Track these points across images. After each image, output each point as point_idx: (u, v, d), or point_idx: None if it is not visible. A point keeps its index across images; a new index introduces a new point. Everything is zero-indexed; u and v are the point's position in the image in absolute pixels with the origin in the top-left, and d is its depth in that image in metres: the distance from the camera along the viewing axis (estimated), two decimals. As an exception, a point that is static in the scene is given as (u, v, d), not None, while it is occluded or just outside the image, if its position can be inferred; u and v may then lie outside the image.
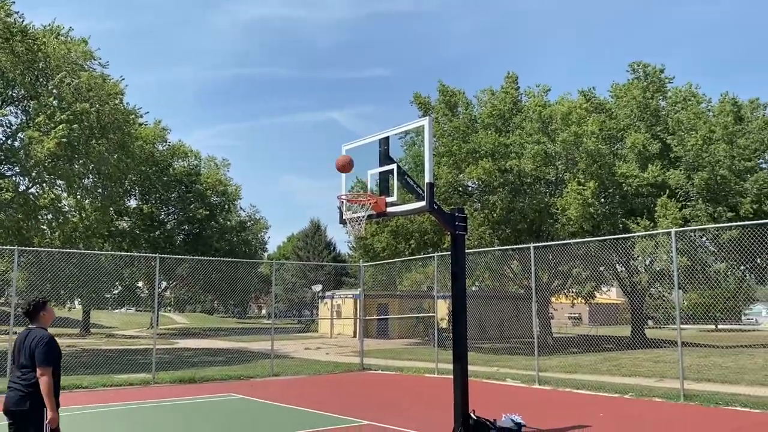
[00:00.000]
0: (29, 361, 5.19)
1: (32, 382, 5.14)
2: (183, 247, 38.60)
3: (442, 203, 24.14)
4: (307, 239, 72.07)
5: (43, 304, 5.50)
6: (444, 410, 9.61)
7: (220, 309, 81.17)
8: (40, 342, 5.21)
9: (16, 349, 5.37)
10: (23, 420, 5.13)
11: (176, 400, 12.51)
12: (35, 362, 5.14)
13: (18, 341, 5.39)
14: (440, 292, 19.84)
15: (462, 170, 26.33)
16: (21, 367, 5.22)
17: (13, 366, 5.42)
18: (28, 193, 22.89)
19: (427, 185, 8.37)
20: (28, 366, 5.19)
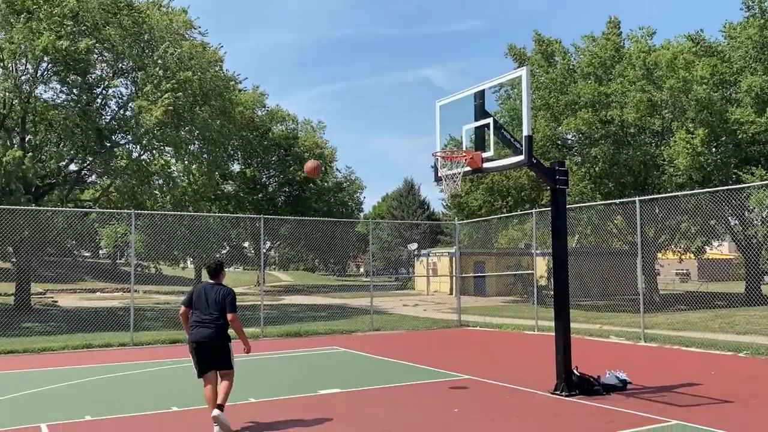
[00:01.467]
0: (219, 307, 6.74)
1: (222, 323, 6.75)
2: (284, 209, 39.91)
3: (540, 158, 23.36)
4: (401, 199, 72.50)
5: (222, 265, 7.15)
6: (545, 366, 9.54)
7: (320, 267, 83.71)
8: (228, 294, 6.85)
9: (199, 297, 6.84)
10: (216, 352, 6.72)
11: (284, 353, 13.13)
12: (225, 309, 6.73)
13: (200, 292, 6.88)
14: (539, 249, 19.48)
15: (560, 123, 25.43)
16: (211, 313, 6.73)
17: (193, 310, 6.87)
18: (140, 159, 24.32)
19: (526, 138, 8.17)
20: (218, 312, 6.74)
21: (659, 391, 8.48)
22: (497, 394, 8.61)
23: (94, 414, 7.49)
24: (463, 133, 9.19)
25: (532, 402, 8.06)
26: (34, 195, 22.51)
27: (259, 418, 7.34)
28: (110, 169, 23.04)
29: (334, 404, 8.04)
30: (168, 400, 8.30)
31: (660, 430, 6.59)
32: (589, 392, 8.35)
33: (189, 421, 7.23)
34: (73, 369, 11.13)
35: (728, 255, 52.83)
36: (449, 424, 6.92)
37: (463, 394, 8.58)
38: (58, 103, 22.56)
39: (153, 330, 17.46)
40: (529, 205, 26.80)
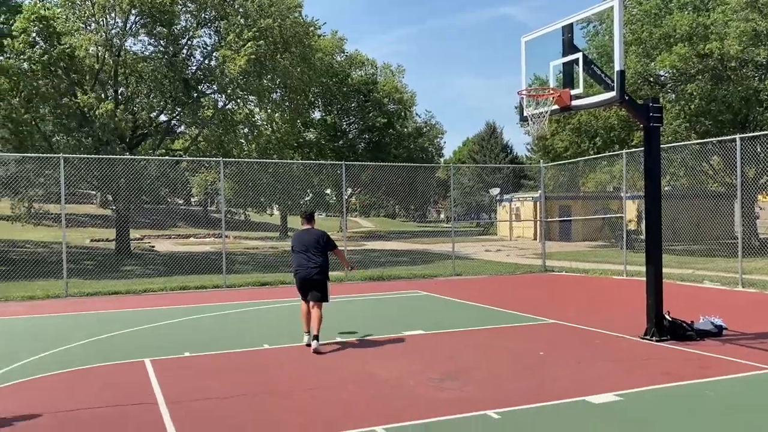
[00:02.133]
0: (319, 248, 8.01)
1: (322, 262, 7.99)
2: (365, 155, 40.12)
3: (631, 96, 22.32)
4: (483, 142, 71.25)
5: (313, 213, 8.57)
6: (635, 311, 9.28)
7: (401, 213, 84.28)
8: (324, 235, 8.19)
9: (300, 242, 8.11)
10: (317, 285, 7.96)
11: (368, 296, 13.39)
12: (326, 248, 8.06)
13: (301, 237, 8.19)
14: (629, 192, 18.73)
15: (653, 59, 23.95)
16: (313, 253, 7.98)
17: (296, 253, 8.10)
18: (225, 109, 24.93)
19: (618, 73, 7.72)
20: (317, 252, 8.00)
21: (758, 338, 8.08)
22: (585, 337, 8.47)
23: (193, 350, 7.93)
24: (549, 70, 8.80)
25: (621, 346, 7.88)
26: (129, 145, 23.60)
27: (345, 354, 7.56)
28: (197, 119, 23.77)
29: (418, 344, 8.15)
30: (260, 338, 8.67)
31: (759, 377, 6.30)
32: (682, 337, 8.07)
33: (279, 358, 7.53)
34: (172, 309, 11.80)
35: (838, 197, 49.05)
36: (534, 366, 6.88)
37: (549, 338, 8.49)
38: (147, 55, 23.31)
39: (243, 273, 18.21)
40: (618, 147, 25.66)
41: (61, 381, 6.57)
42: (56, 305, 12.55)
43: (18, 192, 24.37)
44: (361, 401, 5.69)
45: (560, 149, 28.90)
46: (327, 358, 7.45)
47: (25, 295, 13.68)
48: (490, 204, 59.45)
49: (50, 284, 15.18)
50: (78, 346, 8.26)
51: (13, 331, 9.76)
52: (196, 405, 5.64)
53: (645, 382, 6.13)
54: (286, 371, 6.85)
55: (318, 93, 37.13)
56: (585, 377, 6.39)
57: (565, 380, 6.27)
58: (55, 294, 13.82)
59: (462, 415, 5.19)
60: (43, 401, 5.81)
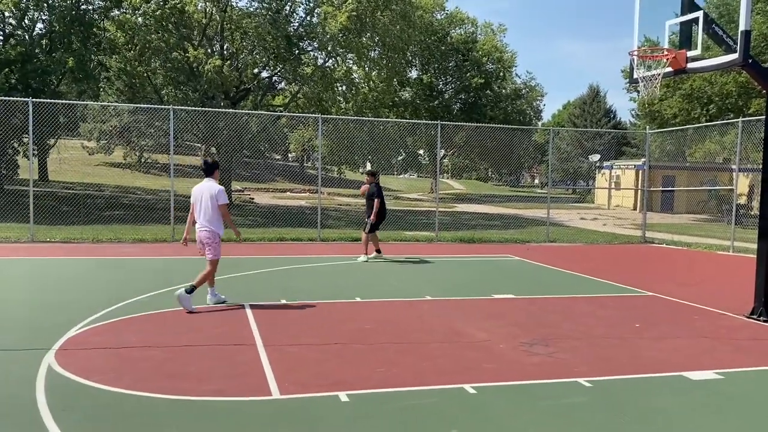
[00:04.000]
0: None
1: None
2: (459, 116, 39.58)
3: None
4: (584, 106, 68.50)
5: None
6: (740, 289, 8.80)
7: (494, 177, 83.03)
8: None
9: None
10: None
11: (459, 257, 13.40)
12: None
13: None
14: (742, 164, 17.55)
15: (781, 19, 22.07)
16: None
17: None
18: (325, 66, 25.23)
19: (742, 33, 7.18)
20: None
21: None
22: (684, 312, 8.13)
23: (289, 298, 8.27)
24: (665, 29, 8.32)
25: (723, 324, 7.51)
26: (232, 100, 24.43)
27: (436, 314, 7.64)
28: (298, 76, 24.21)
29: (508, 308, 8.11)
30: (352, 291, 8.91)
31: None
32: (794, 320, 7.59)
33: (371, 311, 7.72)
34: (269, 258, 12.29)
35: None
36: (626, 338, 6.70)
37: (646, 311, 8.22)
38: (251, 11, 23.84)
39: (336, 228, 18.64)
40: (733, 115, 24.03)
41: (170, 318, 7.04)
42: (164, 249, 13.37)
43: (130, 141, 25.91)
44: (450, 359, 5.75)
45: (668, 116, 27.38)
46: (417, 317, 7.55)
47: (136, 237, 14.66)
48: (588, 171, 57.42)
49: (159, 229, 16.16)
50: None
51: (129, 269, 10.51)
52: (291, 349, 5.90)
53: (749, 363, 5.84)
54: (377, 325, 7.01)
55: (416, 52, 36.75)
56: (683, 352, 6.16)
57: (661, 354, 6.07)
58: (162, 238, 14.71)
59: (553, 380, 5.15)
60: (157, 335, 6.26)
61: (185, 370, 5.20)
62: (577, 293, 9.40)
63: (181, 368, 5.24)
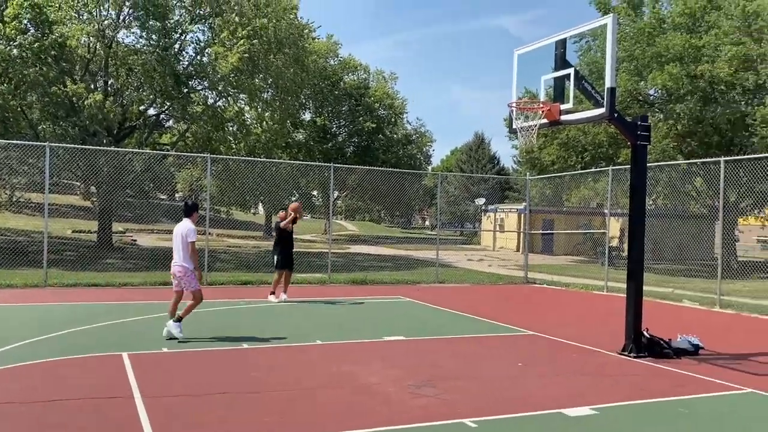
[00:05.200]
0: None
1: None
2: (353, 159, 40.11)
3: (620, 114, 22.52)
4: (470, 152, 71.56)
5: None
6: (613, 327, 9.35)
7: (386, 219, 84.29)
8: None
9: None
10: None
11: (350, 299, 13.37)
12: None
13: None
14: (612, 209, 18.90)
15: (644, 77, 24.23)
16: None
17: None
18: (215, 106, 24.81)
19: (608, 90, 7.81)
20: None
21: (734, 359, 8.18)
22: (563, 351, 8.52)
23: (171, 347, 7.88)
24: (541, 83, 8.88)
25: (599, 361, 7.94)
26: (116, 138, 23.40)
27: (325, 358, 7.54)
28: (187, 114, 23.63)
29: (398, 350, 8.16)
30: (239, 337, 8.63)
31: (733, 397, 6.38)
32: (659, 355, 8.14)
33: (258, 357, 7.49)
34: (152, 304, 11.70)
35: (817, 223, 49.76)
36: (514, 376, 6.91)
37: (528, 350, 8.53)
38: (138, 48, 23.15)
39: (225, 271, 18.11)
40: (604, 163, 25.90)
41: (37, 372, 6.49)
42: (35, 294, 12.41)
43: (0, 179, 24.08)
44: (336, 405, 5.67)
45: (547, 163, 29.09)
46: (305, 361, 7.43)
47: (3, 282, 13.52)
48: (475, 214, 59.65)
49: (30, 273, 15.00)
50: (55, 337, 8.17)
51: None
52: (171, 401, 5.60)
53: (621, 398, 6.18)
54: (265, 372, 6.82)
55: (310, 95, 37.08)
56: (562, 390, 6.43)
57: (542, 392, 6.31)
58: (33, 283, 13.67)
59: (438, 422, 5.20)
60: (18, 391, 5.73)
61: (53, 428, 4.78)
62: (464, 333, 9.62)
63: (49, 426, 4.81)
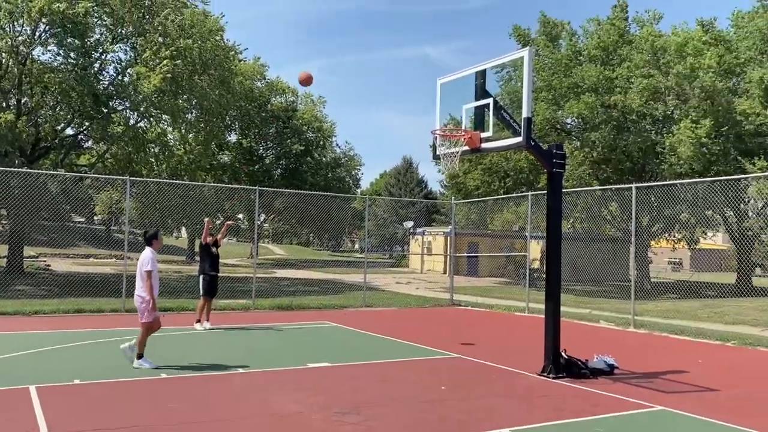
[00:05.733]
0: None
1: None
2: (280, 182, 39.78)
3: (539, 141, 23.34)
4: (399, 176, 72.44)
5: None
6: (534, 348, 9.59)
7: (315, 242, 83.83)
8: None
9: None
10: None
11: (275, 325, 13.15)
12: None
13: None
14: (533, 232, 19.50)
15: (561, 107, 25.31)
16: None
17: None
18: (137, 127, 24.13)
19: (525, 120, 8.11)
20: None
21: (646, 377, 8.54)
22: (485, 373, 8.66)
23: (84, 378, 7.51)
24: (462, 112, 9.12)
25: (520, 382, 8.11)
26: (29, 158, 22.35)
27: (248, 387, 7.37)
28: (107, 135, 22.86)
29: (323, 377, 8.07)
30: (158, 367, 8.32)
31: (645, 415, 6.65)
32: (577, 375, 8.40)
33: (176, 388, 7.24)
34: (65, 333, 11.14)
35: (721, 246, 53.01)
36: (434, 401, 6.96)
37: (451, 373, 8.63)
38: (55, 66, 22.29)
39: (145, 297, 17.45)
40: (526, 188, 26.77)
41: (-69, 410, 6.04)
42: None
43: None
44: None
45: (472, 187, 29.81)
46: (226, 390, 7.24)
47: None
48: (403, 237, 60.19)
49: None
50: (-47, 372, 7.64)
51: None
52: (82, 437, 5.32)
53: (539, 419, 6.33)
54: (184, 403, 6.59)
55: (235, 116, 36.62)
56: (483, 412, 6.53)
57: (464, 415, 6.38)
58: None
59: (361, 450, 5.16)
60: None
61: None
62: (390, 358, 9.64)
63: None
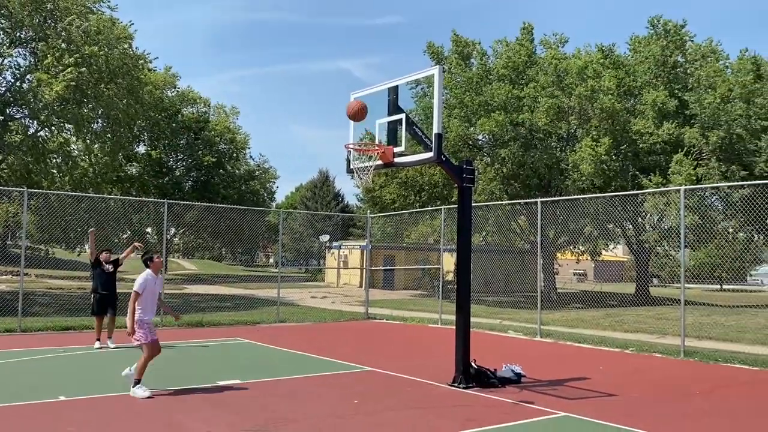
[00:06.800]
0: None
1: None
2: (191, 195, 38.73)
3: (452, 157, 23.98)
4: (315, 189, 72.12)
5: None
6: (446, 359, 9.76)
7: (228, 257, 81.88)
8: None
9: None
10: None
11: (184, 343, 12.74)
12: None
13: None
14: (447, 245, 19.91)
15: (473, 124, 26.07)
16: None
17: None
18: (37, 136, 22.84)
19: (436, 136, 8.30)
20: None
21: (551, 385, 8.87)
22: (397, 385, 8.73)
23: (-30, 404, 6.99)
24: (376, 127, 9.22)
25: (431, 393, 8.22)
26: None
27: (153, 407, 7.10)
28: (3, 144, 21.50)
29: (232, 394, 7.89)
30: (55, 389, 7.86)
31: (549, 421, 6.90)
32: (486, 384, 8.62)
33: (77, 411, 6.87)
34: (-50, 356, 10.34)
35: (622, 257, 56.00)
36: (346, 415, 6.95)
37: (364, 386, 8.64)
38: (-55, 69, 20.85)
39: (44, 316, 16.51)
40: (440, 202, 27.33)
41: None
42: None
43: None
44: (163, 457, 5.34)
45: (388, 201, 30.11)
46: (131, 412, 6.93)
47: None
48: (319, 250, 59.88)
49: None
50: None
51: None
52: (-33, 468, 4.95)
53: (450, 429, 6.44)
54: (83, 426, 6.26)
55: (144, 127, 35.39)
56: (396, 424, 6.57)
57: (377, 428, 6.40)
58: None
59: (270, 468, 5.07)
60: None
61: None
62: (303, 373, 9.54)
63: None
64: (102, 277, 11.94)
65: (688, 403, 8.08)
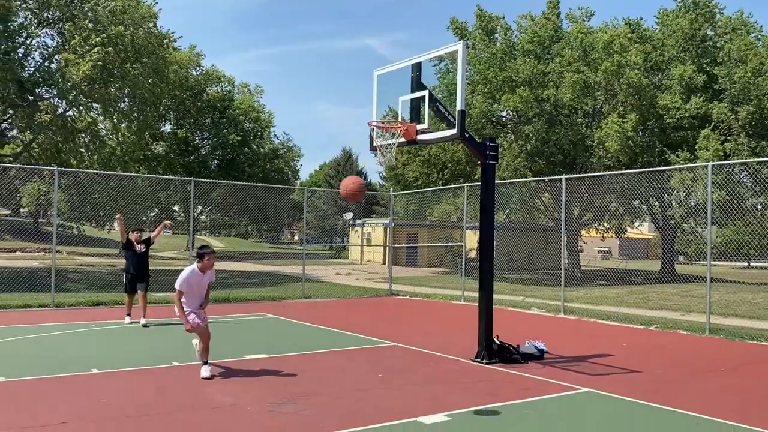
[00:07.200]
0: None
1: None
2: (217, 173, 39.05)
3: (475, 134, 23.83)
4: (338, 167, 72.31)
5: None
6: (468, 335, 9.85)
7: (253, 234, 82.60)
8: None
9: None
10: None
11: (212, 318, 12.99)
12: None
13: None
14: (469, 222, 19.90)
15: (497, 100, 25.85)
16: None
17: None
18: (66, 115, 23.24)
19: (459, 112, 8.29)
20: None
21: (573, 361, 8.91)
22: (421, 360, 8.85)
23: (8, 374, 7.27)
24: (399, 104, 9.23)
25: (454, 369, 8.33)
26: (-52, 147, 21.26)
27: (182, 380, 7.31)
28: (33, 124, 21.92)
29: (259, 368, 8.08)
30: (88, 362, 8.14)
31: (571, 397, 6.95)
32: (509, 360, 8.69)
33: (109, 383, 7.11)
34: (-12, 330, 10.72)
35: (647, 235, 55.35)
36: (370, 389, 7.09)
37: (389, 361, 8.77)
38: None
39: (76, 292, 16.95)
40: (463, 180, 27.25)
41: None
42: None
43: None
44: (194, 428, 5.53)
45: (411, 179, 30.10)
46: (161, 384, 7.16)
47: None
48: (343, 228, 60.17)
49: None
50: None
51: None
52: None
53: (473, 403, 6.53)
54: (115, 397, 6.49)
55: (170, 106, 35.71)
56: (419, 399, 6.69)
57: (399, 402, 6.52)
58: None
59: (297, 438, 5.22)
60: None
61: None
62: (328, 348, 9.71)
63: None
64: (134, 258, 11.87)
65: (713, 380, 8.08)
